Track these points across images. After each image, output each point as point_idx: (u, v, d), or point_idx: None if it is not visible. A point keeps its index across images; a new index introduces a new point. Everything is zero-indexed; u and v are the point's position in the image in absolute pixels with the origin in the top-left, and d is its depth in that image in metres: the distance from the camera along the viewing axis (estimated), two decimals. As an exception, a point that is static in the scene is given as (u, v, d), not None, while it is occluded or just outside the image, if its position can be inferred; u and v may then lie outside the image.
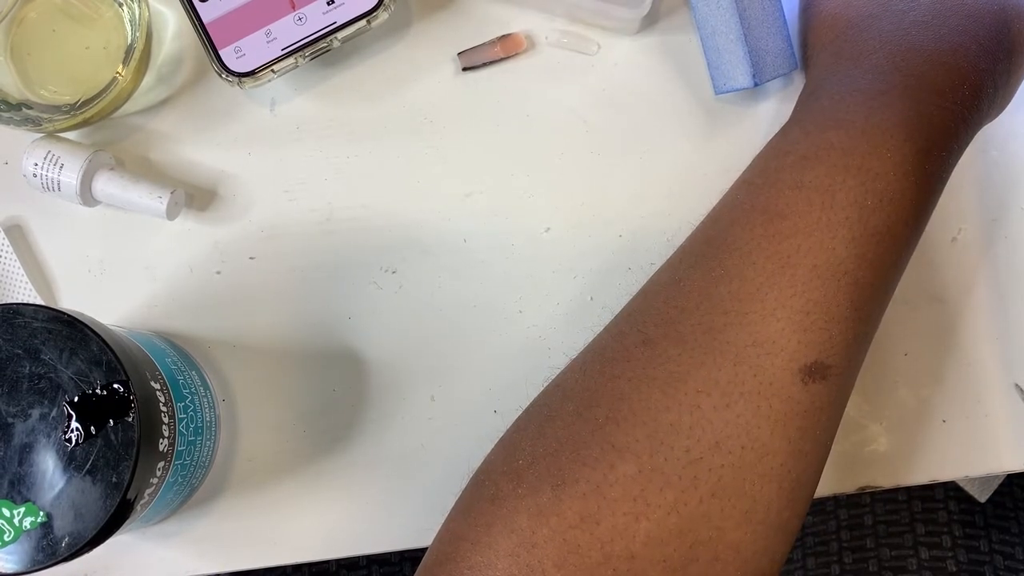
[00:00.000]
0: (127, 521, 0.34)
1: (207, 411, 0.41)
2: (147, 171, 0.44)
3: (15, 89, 0.42)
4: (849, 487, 0.43)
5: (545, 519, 0.29)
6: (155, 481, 0.35)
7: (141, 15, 0.42)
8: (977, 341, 0.44)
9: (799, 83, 0.44)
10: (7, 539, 0.33)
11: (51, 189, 0.42)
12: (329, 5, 0.41)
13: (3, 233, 0.44)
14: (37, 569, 0.33)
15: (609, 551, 0.29)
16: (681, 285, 0.33)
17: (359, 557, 0.74)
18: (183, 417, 0.38)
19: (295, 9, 0.41)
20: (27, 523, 0.33)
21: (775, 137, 0.35)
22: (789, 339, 0.30)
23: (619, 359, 0.32)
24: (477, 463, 0.34)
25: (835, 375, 0.31)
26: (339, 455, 0.43)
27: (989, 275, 0.44)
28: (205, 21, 0.41)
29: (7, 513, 0.33)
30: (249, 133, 0.45)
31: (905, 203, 0.32)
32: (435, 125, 0.45)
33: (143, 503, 0.35)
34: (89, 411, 0.33)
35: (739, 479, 0.30)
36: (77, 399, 0.33)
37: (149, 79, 0.45)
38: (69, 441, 0.33)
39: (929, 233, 0.43)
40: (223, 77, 0.41)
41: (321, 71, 0.45)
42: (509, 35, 0.44)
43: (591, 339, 0.35)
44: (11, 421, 0.33)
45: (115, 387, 0.33)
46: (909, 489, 0.74)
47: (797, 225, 0.31)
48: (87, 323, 0.34)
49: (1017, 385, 0.44)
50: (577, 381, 0.33)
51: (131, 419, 0.33)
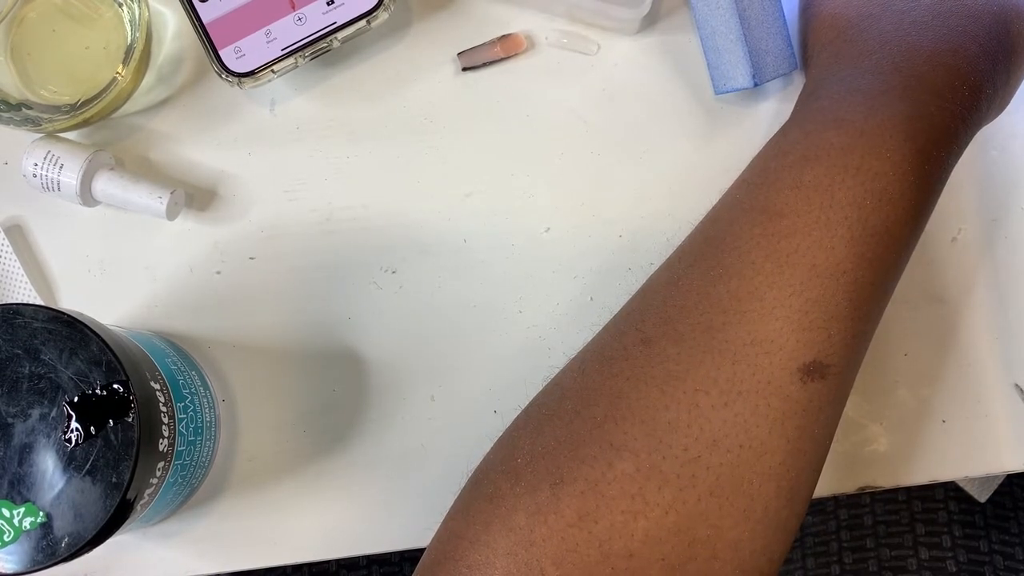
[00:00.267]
0: (127, 521, 0.34)
1: (207, 411, 0.41)
2: (147, 171, 0.44)
3: (15, 89, 0.42)
4: (849, 487, 0.43)
5: (543, 517, 0.29)
6: (155, 481, 0.35)
7: (141, 15, 0.42)
8: (977, 341, 0.44)
9: (799, 83, 0.44)
10: (7, 539, 0.33)
11: (51, 189, 0.42)
12: (329, 5, 0.41)
13: (3, 233, 0.44)
14: (37, 569, 0.33)
15: (607, 549, 0.29)
16: (680, 284, 0.33)
17: (359, 557, 0.74)
18: (183, 417, 0.38)
19: (295, 9, 0.41)
20: (27, 523, 0.33)
21: (775, 137, 0.35)
22: (788, 338, 0.30)
23: (618, 358, 0.32)
24: (477, 463, 0.34)
25: (834, 374, 0.31)
26: (339, 455, 0.43)
27: (989, 275, 0.44)
28: (205, 21, 0.41)
29: (7, 513, 0.33)
30: (249, 133, 0.45)
31: (905, 203, 0.32)
32: (435, 125, 0.45)
33: (143, 503, 0.35)
34: (89, 411, 0.33)
35: (737, 478, 0.30)
36: (77, 399, 0.33)
37: (149, 79, 0.45)
38: (69, 441, 0.33)
39: (929, 233, 0.43)
40: (223, 77, 0.41)
41: (321, 71, 0.45)
42: (509, 35, 0.44)
43: (591, 339, 0.35)
44: (11, 421, 0.33)
45: (115, 387, 0.33)
46: (909, 489, 0.74)
47: (796, 224, 0.31)
48: (87, 323, 0.34)
49: (1017, 385, 0.44)
50: (575, 380, 0.33)
51: (131, 419, 0.33)
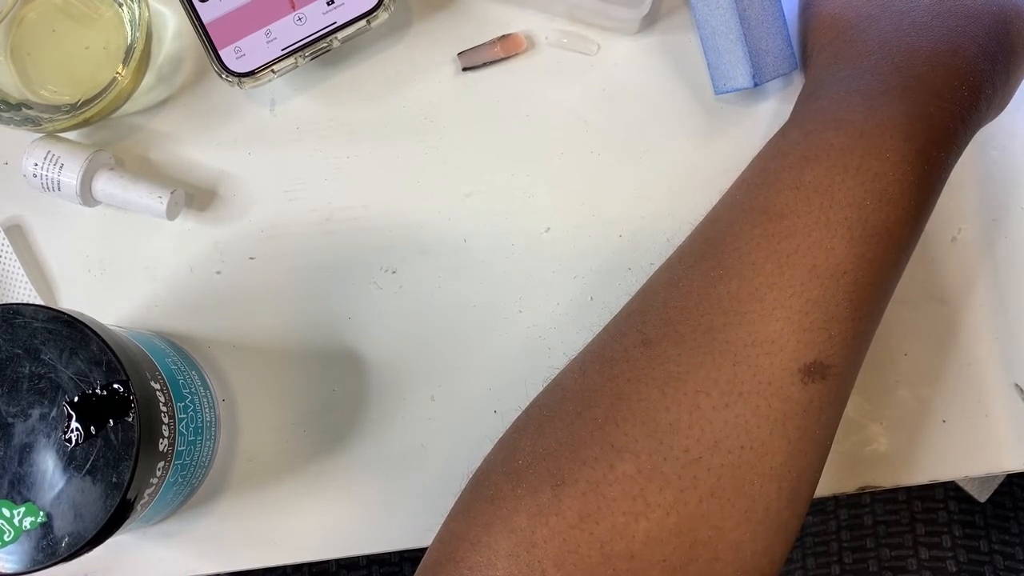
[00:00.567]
0: (127, 521, 0.34)
1: (207, 411, 0.41)
2: (147, 171, 0.44)
3: (15, 89, 0.42)
4: (849, 487, 0.43)
5: (544, 519, 0.29)
6: (155, 481, 0.35)
7: (141, 15, 0.42)
8: (977, 341, 0.44)
9: (799, 83, 0.44)
10: (7, 539, 0.33)
11: (51, 189, 0.42)
12: (329, 5, 0.41)
13: (3, 233, 0.44)
14: (37, 569, 0.33)
15: (609, 551, 0.29)
16: (680, 285, 0.33)
17: (359, 557, 0.74)
18: (183, 417, 0.38)
19: (295, 9, 0.41)
20: (27, 523, 0.33)
21: (774, 137, 0.35)
22: (788, 339, 0.30)
23: (618, 359, 0.32)
24: (477, 463, 0.34)
25: (834, 375, 0.31)
26: (339, 455, 0.43)
27: (989, 275, 0.44)
28: (205, 21, 0.41)
29: (7, 513, 0.33)
30: (249, 133, 0.45)
31: (904, 203, 0.32)
32: (435, 125, 0.45)
33: (143, 503, 0.35)
34: (89, 411, 0.33)
35: (739, 479, 0.30)
36: (77, 399, 0.33)
37: (149, 79, 0.45)
38: (69, 441, 0.33)
39: (929, 233, 0.43)
40: (223, 77, 0.41)
41: (321, 71, 0.45)
42: (509, 35, 0.44)
43: (591, 339, 0.35)
44: (11, 421, 0.33)
45: (115, 387, 0.33)
46: (909, 489, 0.74)
47: (796, 225, 0.31)
48: (87, 323, 0.34)
49: (1017, 385, 0.44)
50: (576, 381, 0.33)
51: (131, 419, 0.33)
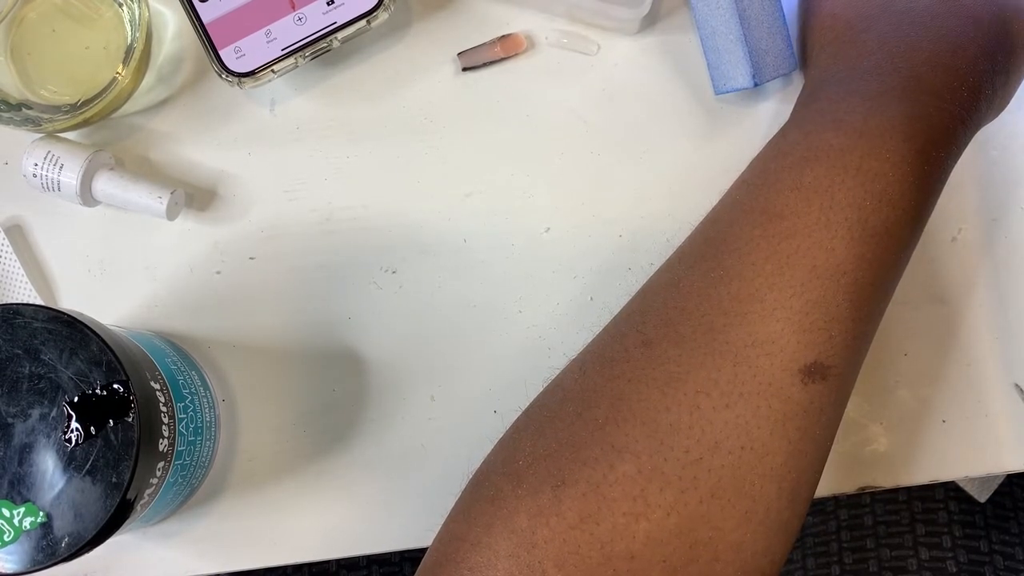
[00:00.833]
0: (127, 521, 0.34)
1: (207, 411, 0.41)
2: (147, 171, 0.44)
3: (15, 89, 0.42)
4: (849, 487, 0.43)
5: (545, 519, 0.29)
6: (155, 481, 0.35)
7: (141, 15, 0.42)
8: (977, 341, 0.44)
9: (799, 83, 0.44)
10: (7, 539, 0.33)
11: (51, 189, 0.42)
12: (329, 5, 0.41)
13: (3, 233, 0.44)
14: (37, 569, 0.33)
15: (609, 551, 0.29)
16: (680, 286, 0.33)
17: (359, 557, 0.74)
18: (183, 417, 0.38)
19: (295, 9, 0.41)
20: (27, 523, 0.33)
21: (774, 138, 0.35)
22: (789, 339, 0.30)
23: (619, 360, 0.32)
24: (477, 463, 0.34)
25: (835, 375, 0.31)
26: (339, 455, 0.43)
27: (989, 275, 0.44)
28: (205, 21, 0.41)
29: (7, 513, 0.33)
30: (249, 133, 0.45)
31: (904, 203, 0.32)
32: (435, 125, 0.45)
33: (143, 503, 0.35)
34: (89, 411, 0.33)
35: (739, 479, 0.30)
36: (77, 399, 0.33)
37: (149, 79, 0.45)
38: (69, 441, 0.33)
39: (929, 233, 0.43)
40: (223, 77, 0.41)
41: (321, 71, 0.45)
42: (509, 35, 0.44)
43: (591, 339, 0.35)
44: (11, 421, 0.33)
45: (115, 387, 0.33)
46: (909, 489, 0.74)
47: (796, 225, 0.31)
48: (87, 323, 0.34)
49: (1017, 385, 0.44)
50: (576, 382, 0.33)
51: (131, 419, 0.33)
